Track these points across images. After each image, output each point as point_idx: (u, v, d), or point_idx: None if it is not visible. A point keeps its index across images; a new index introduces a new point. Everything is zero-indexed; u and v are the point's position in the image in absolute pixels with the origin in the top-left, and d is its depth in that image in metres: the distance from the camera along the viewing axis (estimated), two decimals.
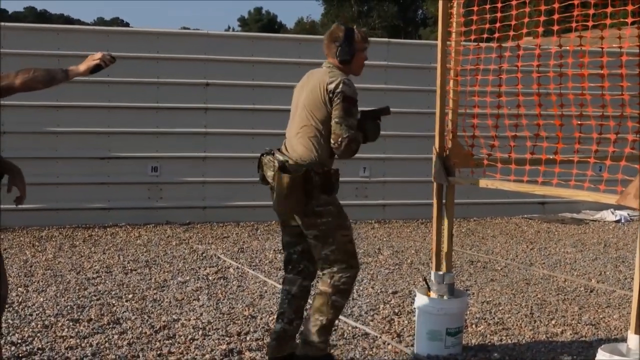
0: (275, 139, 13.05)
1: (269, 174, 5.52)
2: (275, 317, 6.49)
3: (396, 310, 7.43)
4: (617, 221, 13.92)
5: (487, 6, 6.03)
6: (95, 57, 4.73)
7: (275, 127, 12.94)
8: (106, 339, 6.40)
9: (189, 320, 6.97)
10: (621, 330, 6.97)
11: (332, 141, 5.32)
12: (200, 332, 6.61)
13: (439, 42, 6.15)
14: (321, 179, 5.34)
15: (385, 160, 13.53)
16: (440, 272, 6.17)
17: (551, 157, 5.51)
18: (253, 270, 9.16)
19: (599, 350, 4.76)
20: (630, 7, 5.03)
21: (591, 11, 5.27)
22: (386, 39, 14.56)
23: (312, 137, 5.39)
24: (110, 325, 6.77)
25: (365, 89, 13.22)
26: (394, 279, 8.88)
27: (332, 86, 5.32)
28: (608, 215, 14.14)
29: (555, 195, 5.30)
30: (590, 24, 5.50)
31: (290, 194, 5.30)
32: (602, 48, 5.40)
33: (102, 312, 7.17)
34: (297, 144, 5.45)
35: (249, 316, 7.14)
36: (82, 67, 4.69)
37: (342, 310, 5.65)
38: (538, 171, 5.57)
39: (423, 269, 9.38)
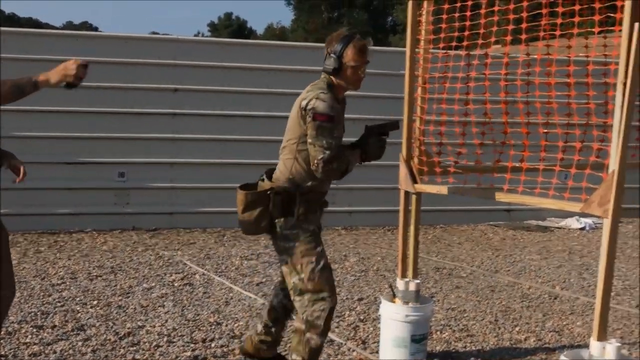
0: (245, 145, 13.20)
1: None
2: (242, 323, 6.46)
3: (361, 317, 7.40)
4: (582, 229, 13.99)
5: (456, 14, 6.02)
6: (69, 69, 4.61)
7: (244, 133, 12.95)
8: (70, 345, 6.31)
9: (154, 326, 6.90)
10: (584, 337, 6.98)
11: (311, 164, 4.91)
12: (165, 339, 6.54)
13: (407, 50, 6.13)
14: (281, 199, 4.95)
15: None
16: (406, 279, 6.14)
17: (517, 165, 5.50)
18: (219, 276, 9.09)
19: (562, 357, 4.75)
20: (597, 17, 5.04)
21: (559, 20, 5.27)
22: None
23: (289, 159, 5.04)
24: (75, 332, 6.68)
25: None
26: (359, 285, 8.85)
27: (304, 102, 4.92)
28: (573, 223, 14.21)
29: (520, 203, 5.30)
30: (557, 33, 5.50)
31: (245, 211, 4.99)
32: (569, 57, 5.40)
33: (66, 318, 7.08)
34: (279, 164, 5.12)
35: (214, 323, 7.08)
36: (54, 78, 4.59)
37: (321, 350, 5.17)
38: (504, 179, 5.56)
39: (389, 276, 9.36)
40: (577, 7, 5.09)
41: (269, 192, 4.96)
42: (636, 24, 4.39)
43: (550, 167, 5.21)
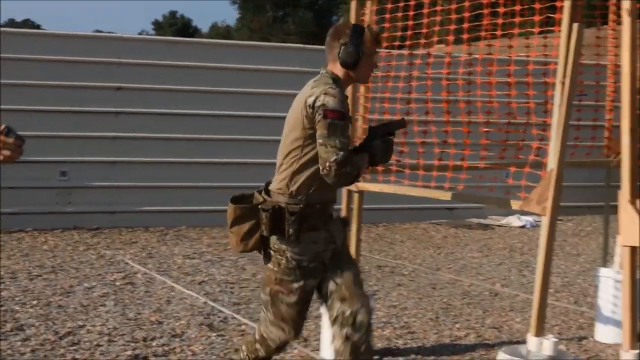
0: (188, 144, 13.12)
1: None
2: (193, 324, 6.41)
3: None
4: (523, 226, 14.13)
5: (399, 14, 6.04)
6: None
7: (187, 132, 12.88)
8: (9, 345, 6.21)
9: (95, 326, 6.81)
10: (523, 333, 7.03)
11: (320, 168, 4.29)
12: (105, 338, 6.46)
13: None
14: (271, 217, 4.35)
15: None
16: None
17: (458, 164, 5.53)
18: (161, 275, 9.02)
19: (500, 353, 4.78)
20: (537, 18, 5.09)
21: (500, 21, 5.32)
22: (300, 45, 14.57)
23: (289, 166, 4.39)
24: (13, 332, 6.57)
25: (278, 95, 13.29)
26: None
27: (311, 99, 4.28)
28: (514, 221, 14.35)
29: (461, 201, 5.33)
30: (499, 33, 5.55)
31: (233, 226, 4.47)
32: (510, 57, 5.45)
33: (5, 318, 6.97)
34: (279, 174, 4.45)
35: (156, 322, 7.02)
36: None
37: None
38: (445, 177, 5.59)
39: None
40: (517, 8, 5.15)
41: (260, 207, 4.40)
42: (575, 25, 4.45)
43: (490, 165, 5.25)
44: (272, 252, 4.41)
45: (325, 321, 6.06)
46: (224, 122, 13.12)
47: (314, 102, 4.26)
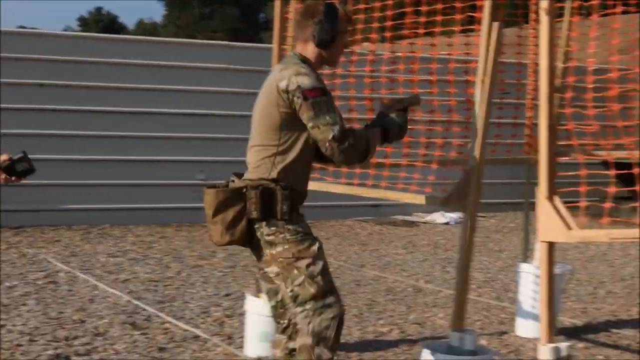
0: (110, 141, 12.98)
1: None
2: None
3: (228, 313, 7.37)
4: (447, 223, 14.28)
5: None
6: None
7: (111, 129, 12.74)
8: None
9: (15, 325, 6.70)
10: (446, 328, 7.11)
11: (323, 151, 4.08)
12: (26, 338, 6.36)
13: (274, 46, 6.13)
14: (258, 194, 4.03)
15: (222, 162, 13.43)
16: None
17: (381, 161, 5.57)
18: (84, 274, 8.91)
19: (421, 348, 4.83)
20: (458, 17, 5.15)
21: (422, 19, 5.37)
22: (226, 42, 14.52)
23: (265, 157, 4.11)
24: None
25: (204, 92, 13.24)
26: (227, 281, 8.82)
27: (283, 84, 4.02)
28: (438, 218, 14.49)
29: (383, 198, 5.38)
30: (421, 31, 5.60)
31: (216, 215, 4.03)
32: (433, 55, 5.50)
33: None
34: (250, 164, 4.19)
35: (78, 321, 6.93)
36: None
37: None
38: (368, 174, 5.62)
39: (256, 272, 9.32)
40: (439, 7, 5.20)
41: (244, 190, 4.05)
42: (495, 24, 4.50)
43: (412, 162, 5.30)
44: (267, 238, 4.05)
45: (248, 319, 6.06)
46: (149, 120, 13.02)
47: (287, 86, 4.01)
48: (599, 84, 4.60)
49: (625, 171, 4.04)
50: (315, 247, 4.14)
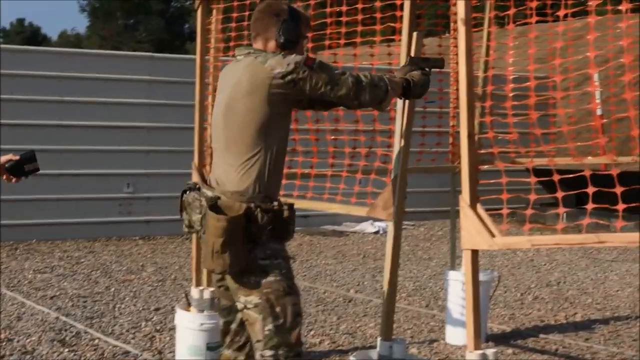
0: (39, 155, 12.71)
1: (195, 217, 4.03)
2: None
3: (158, 327, 7.34)
4: (376, 232, 14.35)
5: (245, 22, 6.08)
6: None
7: (37, 143, 12.50)
8: None
9: None
10: (376, 337, 7.17)
11: (349, 104, 4.05)
12: None
13: (197, 58, 6.14)
14: (271, 218, 3.89)
15: (149, 175, 13.38)
16: (201, 287, 6.13)
17: (306, 172, 5.60)
18: (11, 291, 8.79)
19: (350, 358, 4.87)
20: (378, 27, 5.22)
21: (343, 30, 5.43)
22: (149, 54, 14.45)
23: (250, 159, 3.94)
24: None
25: (127, 104, 13.14)
26: (157, 295, 8.77)
27: (279, 70, 3.87)
28: (367, 227, 14.55)
29: (309, 209, 5.41)
30: (342, 41, 5.66)
31: (228, 244, 3.81)
32: (355, 65, 5.56)
33: None
34: (229, 171, 3.98)
35: (5, 339, 6.84)
36: None
37: None
38: (294, 185, 5.65)
39: (187, 285, 9.31)
40: (360, 17, 5.26)
41: (254, 211, 3.88)
42: (415, 33, 4.58)
43: (337, 173, 5.34)
44: (260, 262, 3.90)
45: (178, 333, 6.04)
46: (74, 132, 12.87)
47: (285, 69, 3.86)
48: (519, 92, 4.70)
49: (548, 178, 4.13)
50: (297, 286, 4.04)
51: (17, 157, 4.27)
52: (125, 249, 11.94)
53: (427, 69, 4.35)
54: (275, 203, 3.96)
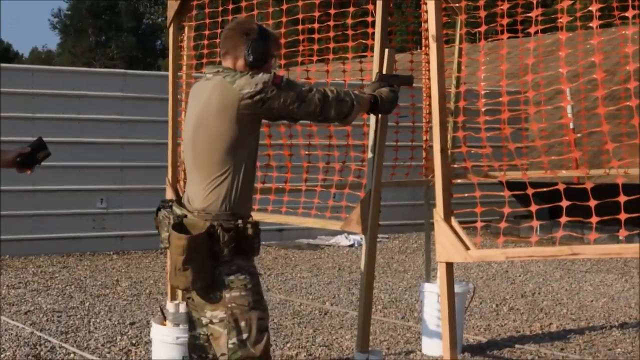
0: (6, 171, 12.69)
1: (164, 235, 4.07)
2: None
3: (134, 341, 7.33)
4: (351, 245, 14.38)
5: (217, 40, 6.10)
6: None
7: None
8: None
9: None
10: (352, 349, 7.19)
11: (315, 119, 4.08)
12: None
13: (169, 74, 6.17)
14: (233, 235, 3.91)
15: (122, 191, 13.36)
16: (176, 302, 6.13)
17: (281, 187, 5.63)
18: None
19: None
20: (350, 44, 5.28)
21: (315, 47, 5.48)
22: (122, 70, 14.44)
23: (218, 177, 3.95)
24: None
25: (100, 120, 13.12)
26: (132, 310, 8.75)
27: (247, 90, 3.87)
28: (342, 240, 14.58)
29: (284, 223, 5.44)
30: (315, 58, 5.71)
31: (189, 262, 3.86)
32: (327, 81, 5.61)
33: None
34: (198, 189, 3.99)
35: None
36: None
37: None
38: (268, 200, 5.67)
39: (162, 299, 9.29)
40: (332, 34, 5.30)
41: (217, 229, 3.90)
42: (386, 50, 4.62)
43: (312, 187, 5.37)
44: (226, 278, 3.91)
45: (154, 347, 6.04)
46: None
47: (254, 89, 3.86)
48: (491, 107, 4.74)
49: (521, 192, 4.17)
50: (265, 301, 4.05)
51: (28, 149, 4.31)
52: (99, 264, 11.91)
53: (395, 86, 4.40)
54: (240, 221, 3.95)
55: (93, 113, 13.09)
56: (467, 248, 4.05)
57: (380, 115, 4.60)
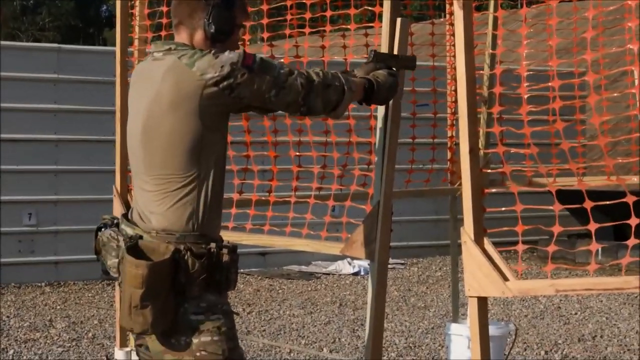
0: None
1: (111, 262, 3.99)
2: None
3: None
4: (356, 274, 14.32)
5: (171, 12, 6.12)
6: None
7: None
8: None
9: None
10: None
11: (297, 112, 4.07)
12: None
13: (117, 50, 6.16)
14: (204, 264, 3.84)
15: (57, 203, 13.33)
16: (127, 349, 6.13)
17: (263, 198, 5.62)
18: None
19: None
20: (353, 11, 5.28)
21: (308, 15, 5.48)
22: (56, 45, 14.42)
23: (181, 188, 3.90)
24: None
25: (28, 110, 13.08)
26: (70, 359, 8.74)
27: (210, 75, 3.81)
28: (344, 267, 14.53)
29: (268, 245, 5.43)
30: (307, 30, 5.71)
31: (150, 297, 3.78)
32: (323, 59, 5.60)
33: None
34: (153, 204, 3.96)
35: None
36: None
37: None
38: (247, 215, 5.67)
39: (108, 345, 9.28)
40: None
41: (184, 254, 3.84)
42: (398, 19, 4.61)
43: (303, 199, 5.36)
44: (192, 317, 3.87)
45: None
46: None
47: (218, 74, 3.81)
48: (537, 93, 4.74)
49: (577, 205, 4.15)
50: (241, 349, 4.06)
51: None
52: (27, 299, 11.88)
53: (394, 69, 4.40)
54: (213, 245, 3.90)
55: (17, 101, 13.04)
56: (506, 279, 4.05)
57: (390, 103, 4.59)
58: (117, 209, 6.13)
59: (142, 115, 3.98)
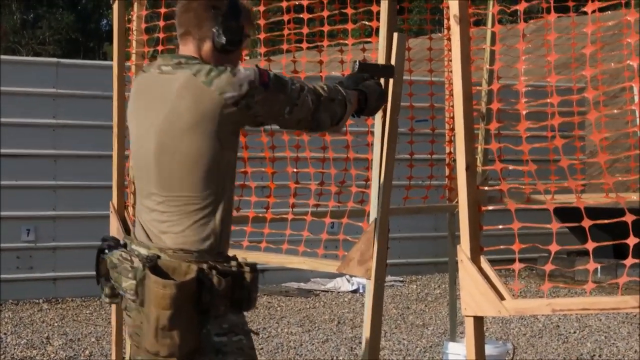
0: None
1: (127, 284, 3.88)
2: None
3: None
4: (355, 291, 14.29)
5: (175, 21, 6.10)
6: None
7: None
8: None
9: None
10: None
11: (304, 128, 4.15)
12: None
13: (114, 65, 6.13)
14: (230, 282, 3.82)
15: (56, 219, 13.30)
16: None
17: (260, 215, 5.60)
18: None
19: None
20: (350, 26, 5.26)
21: (305, 30, 5.47)
22: (54, 59, 14.40)
23: (201, 207, 3.88)
24: None
25: (27, 125, 13.06)
26: None
27: (230, 94, 3.77)
28: (343, 284, 14.50)
29: (264, 263, 5.39)
30: (305, 45, 5.69)
31: (178, 318, 3.75)
32: (321, 75, 5.59)
33: None
34: (166, 223, 3.92)
35: None
36: None
37: None
38: (244, 232, 5.65)
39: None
40: (326, 14, 5.28)
41: (208, 274, 3.81)
42: (395, 34, 4.59)
43: (300, 216, 5.34)
44: (216, 340, 3.85)
45: None
46: None
47: (234, 96, 3.77)
48: (535, 109, 4.71)
49: (576, 223, 4.12)
50: None
51: None
52: (24, 316, 11.85)
53: (376, 78, 4.42)
54: (233, 263, 3.89)
55: (16, 116, 13.02)
56: (502, 298, 4.02)
57: (388, 117, 4.58)
58: (114, 226, 6.11)
59: (155, 132, 3.92)
